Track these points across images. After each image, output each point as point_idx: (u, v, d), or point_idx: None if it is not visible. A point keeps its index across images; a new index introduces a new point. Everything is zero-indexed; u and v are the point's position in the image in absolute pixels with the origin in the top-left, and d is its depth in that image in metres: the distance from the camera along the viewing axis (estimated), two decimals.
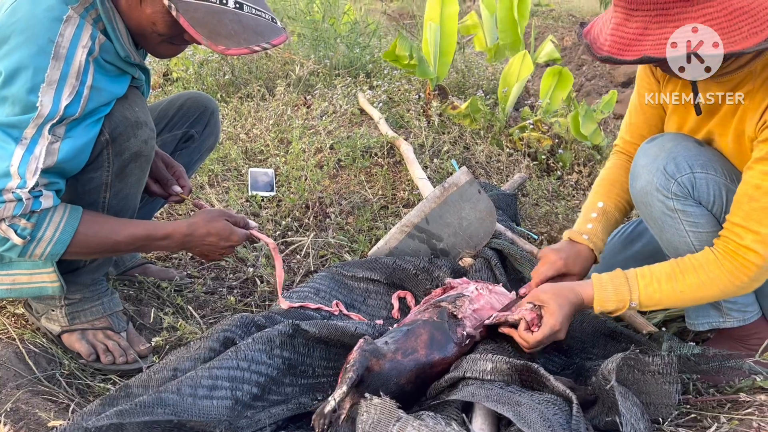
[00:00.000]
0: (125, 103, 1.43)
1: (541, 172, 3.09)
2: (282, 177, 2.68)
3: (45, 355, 1.56)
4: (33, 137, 1.26)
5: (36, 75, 1.24)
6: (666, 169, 1.43)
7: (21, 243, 1.32)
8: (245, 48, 1.33)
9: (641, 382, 1.30)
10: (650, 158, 1.47)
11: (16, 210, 1.27)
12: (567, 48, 7.64)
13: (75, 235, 1.36)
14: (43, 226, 1.32)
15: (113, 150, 1.42)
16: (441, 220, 1.93)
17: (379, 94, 3.51)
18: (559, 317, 1.36)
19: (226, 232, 1.56)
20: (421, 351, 1.34)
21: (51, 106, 1.26)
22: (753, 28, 1.15)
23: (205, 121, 1.92)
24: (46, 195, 1.31)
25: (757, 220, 1.29)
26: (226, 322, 1.45)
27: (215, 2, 1.31)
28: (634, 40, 1.22)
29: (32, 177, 1.27)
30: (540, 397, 1.18)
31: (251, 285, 2.07)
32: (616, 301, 1.39)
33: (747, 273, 1.32)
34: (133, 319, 1.77)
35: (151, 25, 1.37)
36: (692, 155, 1.42)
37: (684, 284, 1.36)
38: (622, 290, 1.39)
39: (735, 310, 1.51)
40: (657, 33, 1.20)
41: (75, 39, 1.29)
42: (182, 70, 3.75)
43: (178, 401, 1.20)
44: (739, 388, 1.43)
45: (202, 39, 1.30)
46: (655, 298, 1.38)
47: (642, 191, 1.49)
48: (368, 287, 1.83)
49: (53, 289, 1.47)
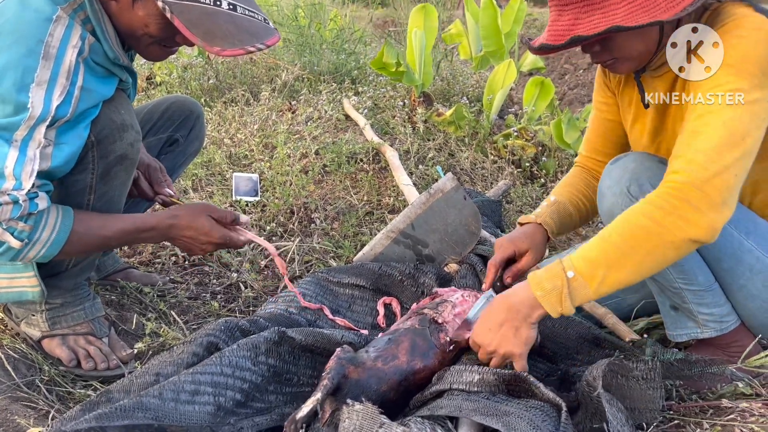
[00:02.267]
0: (111, 106, 1.41)
1: (525, 180, 3.11)
2: (267, 182, 2.66)
3: (24, 360, 1.53)
4: (24, 139, 1.24)
5: (26, 75, 1.23)
6: (630, 191, 1.45)
7: (19, 246, 1.29)
8: (240, 49, 1.32)
9: (625, 387, 1.31)
10: (614, 180, 1.49)
11: (13, 212, 1.25)
12: (550, 57, 7.71)
13: (69, 235, 1.35)
14: (39, 228, 1.31)
15: (98, 152, 1.41)
16: (427, 226, 1.93)
17: (365, 101, 3.51)
18: (481, 338, 1.34)
19: (206, 228, 1.52)
20: (402, 358, 1.34)
21: (42, 107, 1.24)
22: (669, 3, 1.28)
23: (190, 125, 1.91)
24: (41, 196, 1.29)
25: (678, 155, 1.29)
26: (210, 327, 1.44)
27: (209, 3, 1.30)
28: (566, 30, 1.35)
29: (29, 179, 1.25)
30: (527, 404, 1.18)
31: (235, 290, 2.05)
32: (549, 277, 1.30)
33: (674, 196, 1.24)
34: (115, 325, 1.75)
35: (143, 27, 1.36)
36: (654, 174, 1.42)
37: (609, 228, 1.29)
38: (552, 265, 1.32)
39: (712, 320, 1.51)
40: (587, 20, 1.33)
41: (65, 39, 1.27)
42: (166, 74, 3.73)
43: (159, 405, 1.18)
44: (722, 394, 1.44)
45: (197, 40, 1.29)
46: (588, 257, 1.28)
47: (608, 212, 1.50)
48: (354, 293, 1.83)
49: (33, 294, 1.45)
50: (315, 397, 1.17)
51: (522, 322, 1.31)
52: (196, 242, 1.53)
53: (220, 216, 1.55)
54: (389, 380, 1.29)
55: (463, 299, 1.55)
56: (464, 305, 1.53)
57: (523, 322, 1.31)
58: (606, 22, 1.30)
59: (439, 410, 1.20)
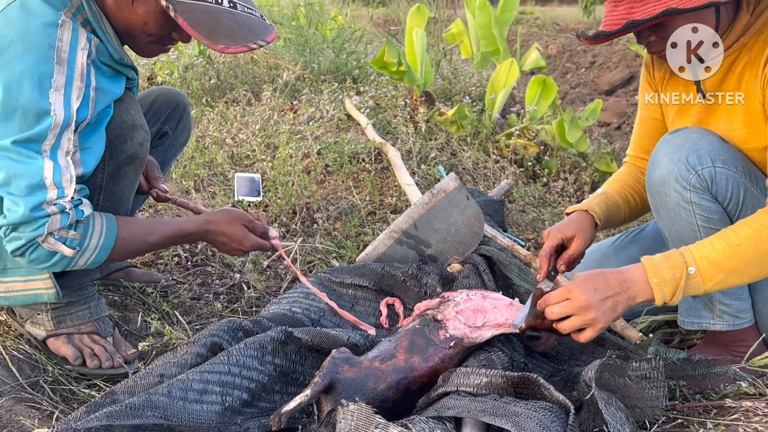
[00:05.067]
0: (121, 106, 1.42)
1: (527, 179, 3.11)
2: (269, 182, 2.66)
3: (28, 361, 1.54)
4: (52, 148, 1.25)
5: (43, 81, 1.23)
6: (688, 160, 1.41)
7: (72, 254, 1.31)
8: (243, 46, 1.34)
9: (626, 386, 1.30)
10: (673, 148, 1.45)
11: (63, 222, 1.27)
12: (552, 56, 7.71)
13: (116, 240, 1.37)
14: (88, 235, 1.33)
15: (109, 152, 1.41)
16: (429, 226, 1.93)
17: (366, 100, 3.51)
18: (585, 296, 1.28)
19: (239, 237, 1.60)
20: (400, 356, 1.34)
21: (63, 112, 1.25)
22: None
23: (177, 117, 1.91)
24: (85, 203, 1.31)
25: None
26: (213, 327, 1.44)
27: (211, 2, 1.32)
28: (621, 18, 1.39)
29: (70, 186, 1.26)
30: (536, 405, 1.18)
31: (238, 291, 2.05)
32: (670, 267, 1.28)
33: None
34: (119, 325, 1.75)
35: (142, 25, 1.37)
36: (715, 149, 1.41)
37: (738, 236, 1.28)
38: (673, 256, 1.29)
39: (728, 313, 1.50)
40: (641, 9, 1.36)
41: (73, 43, 1.27)
42: (167, 74, 3.73)
43: (168, 404, 1.18)
44: (725, 394, 1.44)
45: (201, 38, 1.30)
46: (712, 258, 1.27)
47: (660, 180, 1.47)
48: (356, 293, 1.83)
49: (48, 296, 1.45)
50: (304, 394, 1.17)
51: (625, 301, 1.29)
52: (228, 247, 1.62)
53: (254, 227, 1.65)
54: (387, 379, 1.29)
55: (468, 298, 1.55)
56: (468, 303, 1.53)
57: (625, 302, 1.29)
58: (661, 7, 1.32)
59: (447, 411, 1.20)
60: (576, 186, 3.08)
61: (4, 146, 1.22)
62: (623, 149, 3.93)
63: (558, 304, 1.31)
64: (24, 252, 1.29)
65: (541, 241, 2.52)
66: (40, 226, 1.25)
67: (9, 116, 1.22)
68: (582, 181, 3.09)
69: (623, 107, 5.06)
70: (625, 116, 4.92)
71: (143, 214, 2.39)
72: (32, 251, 1.29)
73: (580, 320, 1.29)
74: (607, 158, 3.21)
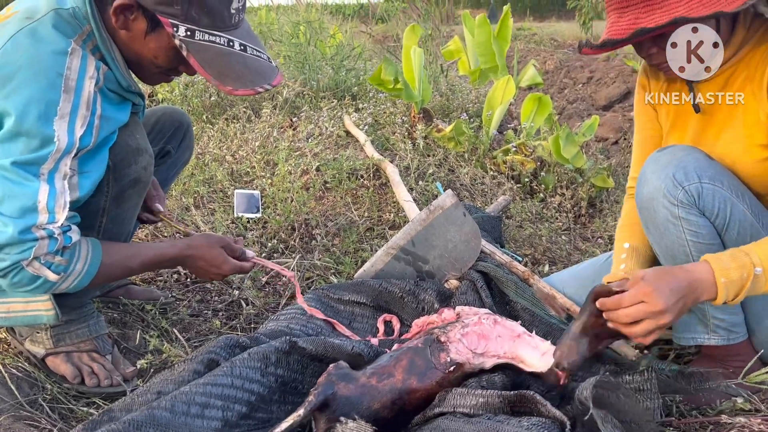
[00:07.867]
0: (126, 131, 1.44)
1: (524, 195, 3.13)
2: (268, 199, 2.68)
3: (27, 379, 1.54)
4: (50, 171, 1.26)
5: (49, 108, 1.24)
6: (675, 176, 1.43)
7: (56, 279, 1.31)
8: (251, 89, 1.38)
9: (620, 402, 1.31)
10: (660, 165, 1.47)
11: (50, 247, 1.27)
12: (549, 71, 7.76)
13: (100, 266, 1.38)
14: (74, 261, 1.33)
15: (113, 176, 1.43)
16: (427, 242, 1.95)
17: (365, 117, 3.54)
18: (662, 300, 1.22)
19: (218, 261, 1.61)
20: (398, 376, 1.33)
21: (67, 139, 1.26)
22: None
23: (180, 136, 1.93)
24: (74, 230, 1.32)
25: None
26: (211, 345, 1.45)
27: (224, 45, 1.35)
28: (628, 27, 1.40)
29: (62, 212, 1.27)
30: (529, 421, 1.19)
31: (236, 308, 2.06)
32: (737, 267, 1.26)
33: None
34: (118, 343, 1.76)
35: (152, 58, 1.39)
36: (702, 166, 1.43)
37: None
38: (738, 255, 1.28)
39: (722, 327, 1.51)
40: (647, 18, 1.38)
41: (82, 71, 1.29)
42: (168, 91, 3.76)
43: (170, 419, 1.18)
44: (721, 410, 1.44)
45: (211, 79, 1.34)
46: None
47: (648, 196, 1.48)
48: (354, 310, 1.84)
49: (48, 317, 1.46)
50: (297, 413, 1.17)
51: (692, 301, 1.27)
52: (207, 272, 1.63)
53: (233, 249, 1.67)
54: (382, 399, 1.28)
55: (479, 321, 1.51)
56: (476, 327, 1.49)
57: (692, 302, 1.27)
58: (669, 16, 1.35)
59: None
60: (573, 201, 3.09)
61: (3, 166, 1.23)
62: (620, 164, 3.96)
63: (632, 307, 1.25)
64: (6, 274, 1.27)
65: (538, 257, 2.54)
66: (26, 249, 1.25)
67: (13, 139, 1.23)
68: (579, 196, 3.11)
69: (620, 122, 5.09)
70: (622, 131, 4.96)
71: (142, 231, 2.40)
72: (15, 274, 1.27)
73: (653, 324, 1.24)
74: (604, 173, 3.23)
